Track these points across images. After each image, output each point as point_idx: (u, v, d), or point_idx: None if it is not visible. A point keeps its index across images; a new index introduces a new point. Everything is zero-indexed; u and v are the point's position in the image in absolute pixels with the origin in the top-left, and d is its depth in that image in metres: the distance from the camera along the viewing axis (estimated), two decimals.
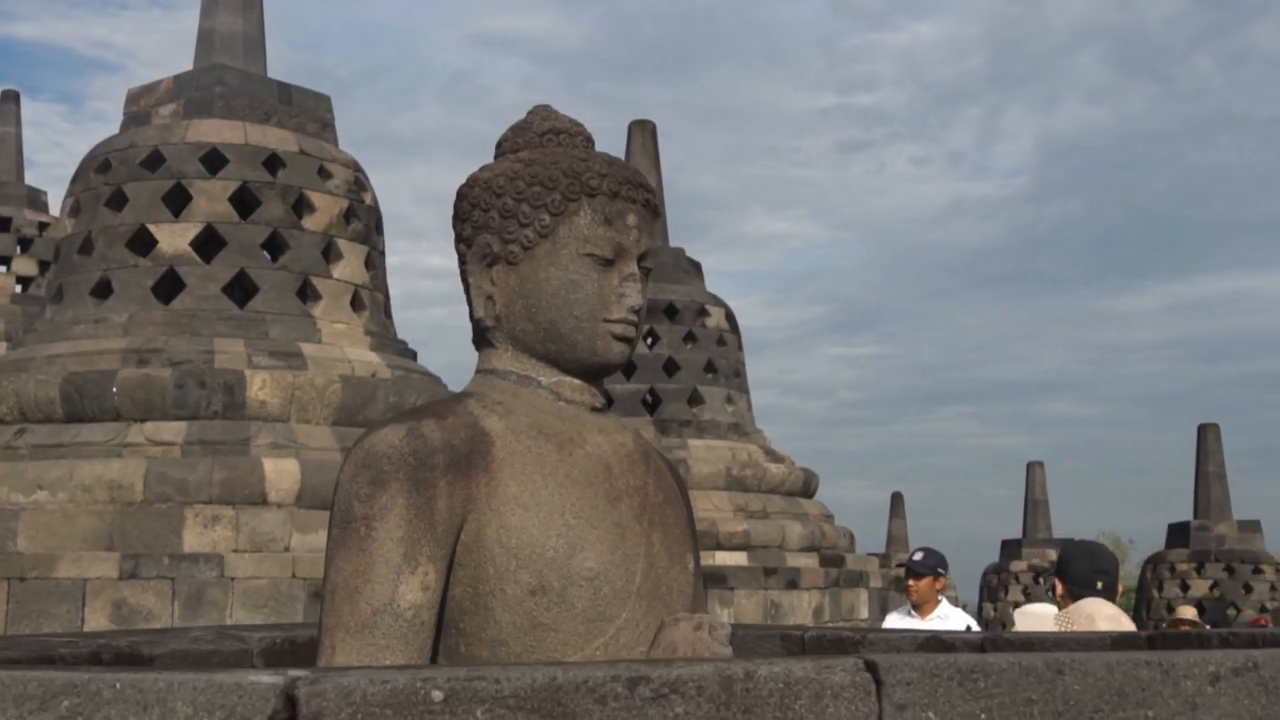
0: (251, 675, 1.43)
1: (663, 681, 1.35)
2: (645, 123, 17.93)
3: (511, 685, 1.35)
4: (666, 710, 1.33)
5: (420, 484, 2.47)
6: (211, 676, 1.42)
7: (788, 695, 1.36)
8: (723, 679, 1.35)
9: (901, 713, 1.37)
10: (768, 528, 15.13)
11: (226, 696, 1.40)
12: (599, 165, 2.75)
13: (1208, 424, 24.85)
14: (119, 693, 1.43)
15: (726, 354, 16.89)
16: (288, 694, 1.40)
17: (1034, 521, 29.30)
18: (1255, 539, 24.18)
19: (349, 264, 12.15)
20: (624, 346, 2.75)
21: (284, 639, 3.31)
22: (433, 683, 1.36)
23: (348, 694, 1.36)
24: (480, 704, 1.33)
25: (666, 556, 2.70)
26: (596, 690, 1.34)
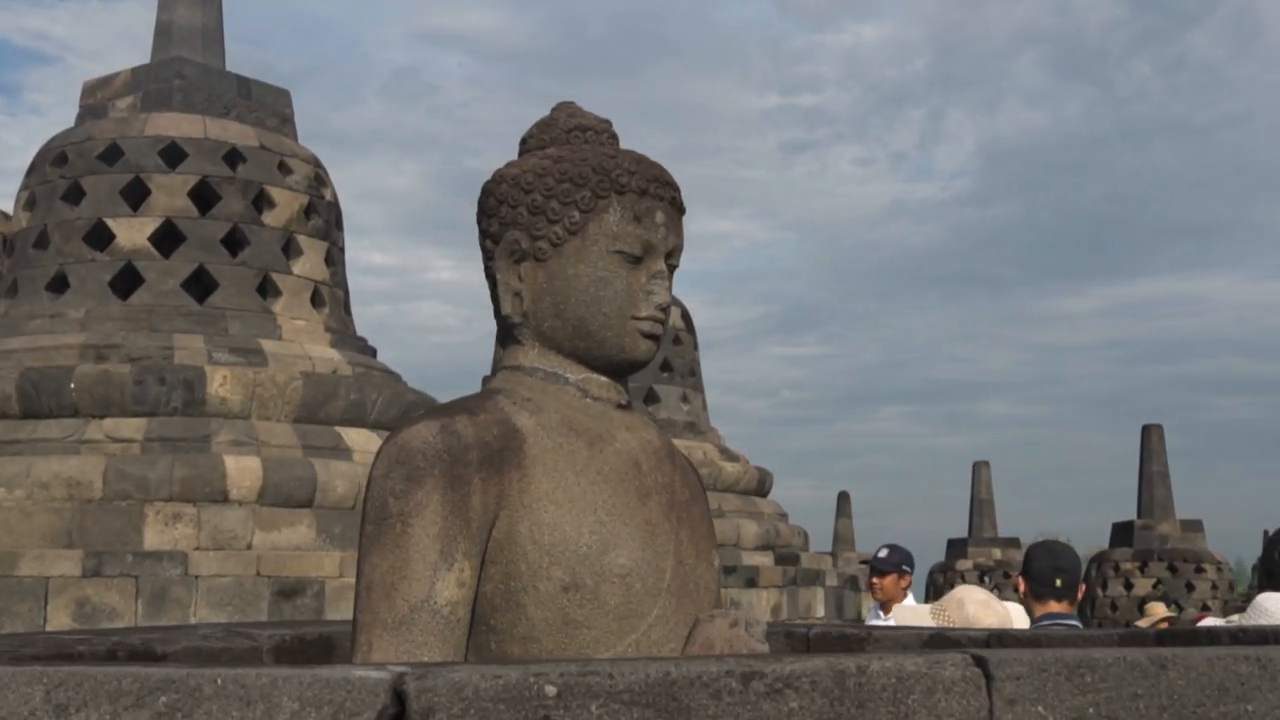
0: (358, 671, 1.42)
1: (777, 676, 1.36)
2: None
3: (625, 680, 1.35)
4: (781, 705, 1.34)
5: (455, 480, 2.46)
6: (317, 672, 1.42)
7: (900, 690, 1.38)
8: (836, 674, 1.36)
9: (1012, 707, 1.39)
10: (723, 526, 15.17)
11: (334, 692, 1.39)
12: (628, 162, 2.75)
13: (1151, 424, 25.16)
14: (220, 688, 1.42)
15: (682, 353, 16.93)
16: (396, 689, 1.40)
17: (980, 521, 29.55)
18: (1197, 538, 24.51)
19: (309, 260, 12.07)
20: (651, 344, 2.76)
21: (293, 636, 3.30)
22: (545, 678, 1.36)
23: (459, 689, 1.36)
24: (594, 699, 1.34)
25: (694, 553, 2.71)
26: (711, 685, 1.34)
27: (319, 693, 1.40)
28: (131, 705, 1.44)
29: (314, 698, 1.39)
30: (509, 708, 1.34)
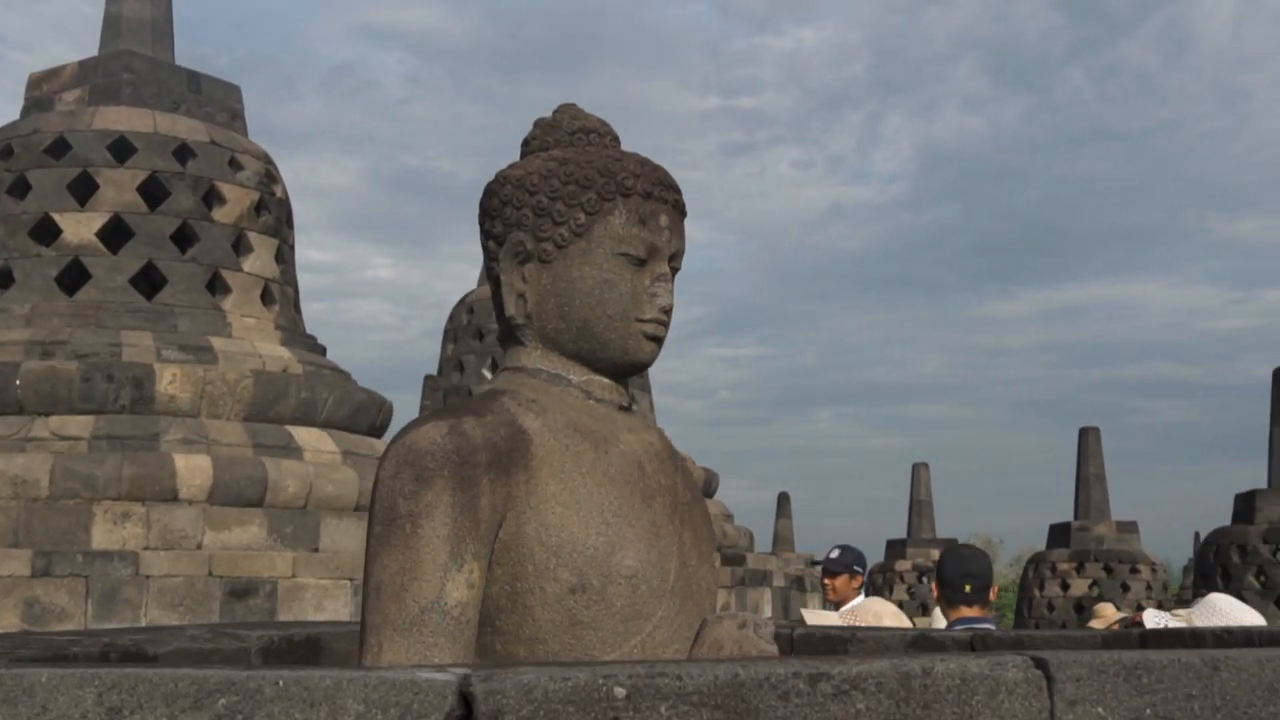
0: (424, 673, 1.42)
1: (844, 678, 1.37)
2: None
3: (694, 682, 1.36)
4: (848, 706, 1.36)
5: (465, 481, 2.46)
6: (382, 674, 1.42)
7: (964, 691, 1.40)
8: (901, 675, 1.38)
9: (1072, 708, 1.42)
10: None
11: (401, 694, 1.39)
12: (633, 165, 2.76)
13: (1089, 427, 25.44)
14: (282, 690, 1.42)
15: None
16: (463, 691, 1.40)
17: (919, 522, 29.78)
18: (1133, 539, 24.81)
19: (259, 257, 11.98)
20: (654, 346, 2.77)
21: (281, 638, 3.29)
22: (615, 679, 1.37)
23: (528, 691, 1.37)
24: (664, 700, 1.35)
25: (696, 555, 2.73)
26: (779, 686, 1.36)
27: (385, 694, 1.40)
28: (189, 708, 1.43)
29: (380, 700, 1.39)
30: (578, 710, 1.35)
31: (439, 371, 17.45)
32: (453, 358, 16.94)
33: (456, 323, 16.96)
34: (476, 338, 16.73)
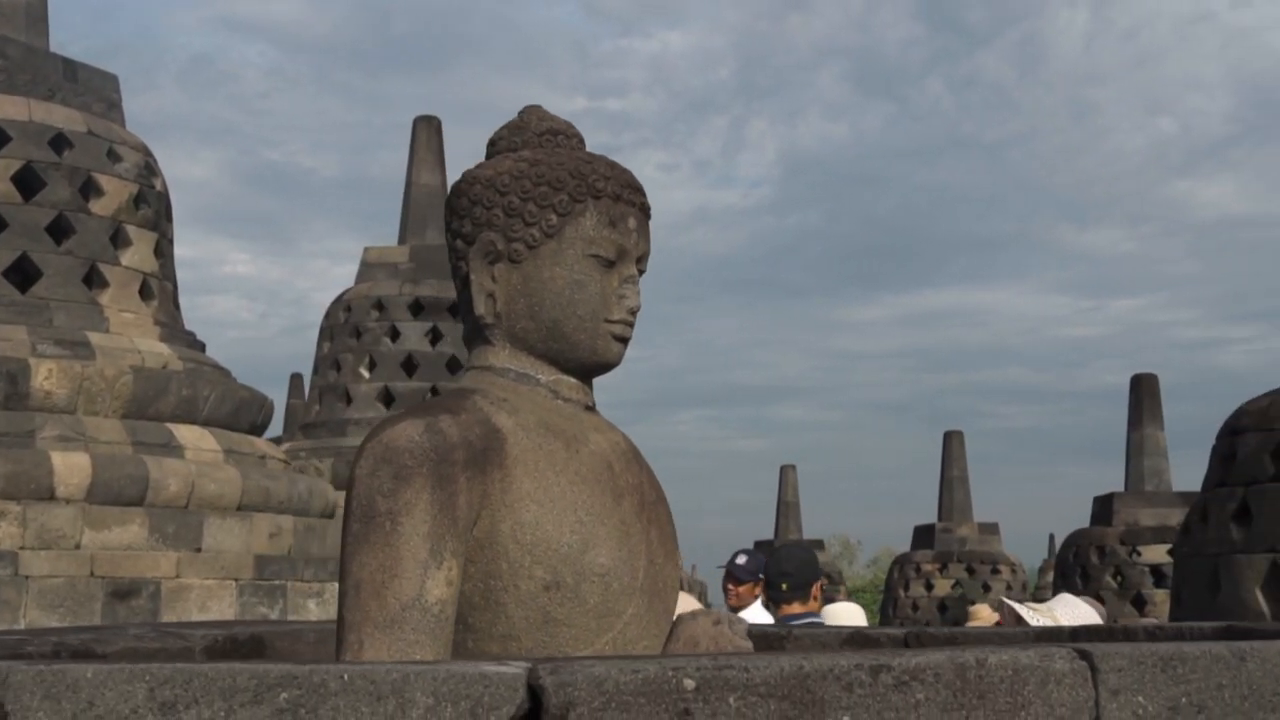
0: (491, 666, 1.44)
1: (904, 669, 1.43)
2: (431, 118, 17.81)
3: (761, 673, 1.41)
4: (908, 696, 1.41)
5: (443, 479, 2.48)
6: (451, 667, 1.43)
7: (1016, 681, 1.46)
8: (957, 667, 1.44)
9: (1115, 697, 1.49)
10: None
11: (471, 687, 1.41)
12: (603, 167, 2.80)
13: (953, 431, 25.98)
14: (347, 684, 1.43)
15: None
16: (532, 684, 1.42)
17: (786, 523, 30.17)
18: (994, 540, 25.42)
19: (138, 251, 11.72)
20: (621, 347, 2.81)
21: (225, 637, 3.27)
22: (683, 671, 1.40)
23: (599, 683, 1.40)
24: (732, 692, 1.39)
25: (663, 553, 2.77)
26: (843, 678, 1.41)
27: (455, 687, 1.41)
28: (249, 702, 1.43)
29: (449, 693, 1.41)
30: (649, 701, 1.38)
31: (314, 370, 17.23)
32: (329, 356, 16.74)
33: (333, 320, 16.76)
34: (354, 336, 16.56)
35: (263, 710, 1.44)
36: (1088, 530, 18.60)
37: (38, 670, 1.54)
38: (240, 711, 1.45)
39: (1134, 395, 19.29)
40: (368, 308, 16.64)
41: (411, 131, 17.74)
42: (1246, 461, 7.88)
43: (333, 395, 16.53)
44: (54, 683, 1.52)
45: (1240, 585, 7.74)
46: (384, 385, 16.27)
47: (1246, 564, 7.75)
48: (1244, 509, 7.83)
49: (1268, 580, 7.61)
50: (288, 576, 9.97)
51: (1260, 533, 7.70)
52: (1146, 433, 19.14)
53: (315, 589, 10.10)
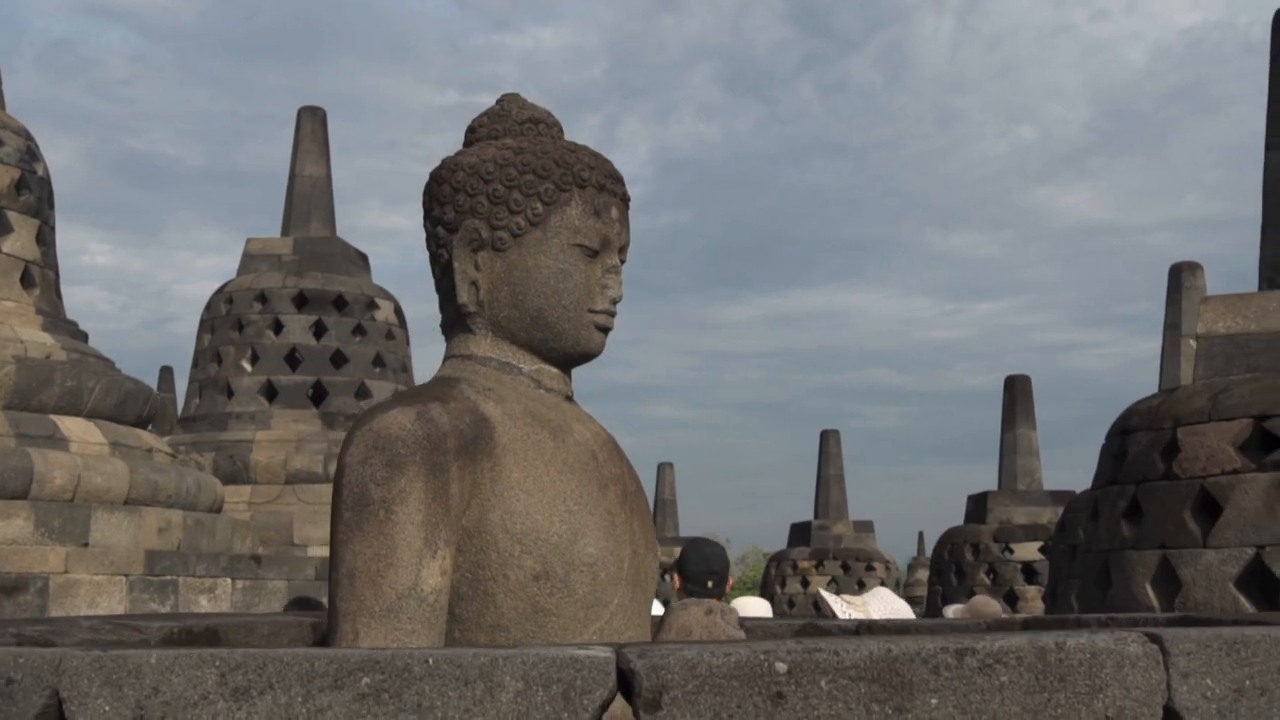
0: (580, 650, 1.43)
1: (988, 652, 1.45)
2: (315, 109, 17.54)
3: (851, 657, 1.42)
4: (993, 679, 1.43)
5: (436, 468, 2.47)
6: (541, 650, 1.42)
7: (1094, 664, 1.49)
8: (1037, 650, 1.47)
9: (1186, 680, 1.53)
10: None
11: (562, 670, 1.40)
12: (587, 157, 2.80)
13: (829, 430, 26.28)
14: (432, 668, 1.41)
15: (395, 348, 16.76)
16: (624, 667, 1.41)
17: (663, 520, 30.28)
18: (869, 538, 25.78)
19: (19, 238, 11.37)
20: (603, 337, 2.82)
21: (180, 629, 3.23)
22: (775, 655, 1.41)
23: (692, 667, 1.40)
24: (823, 675, 1.40)
25: (644, 543, 2.78)
26: (930, 661, 1.43)
27: (545, 671, 1.40)
28: (328, 687, 1.41)
29: (540, 676, 1.39)
30: (742, 684, 1.38)
31: (194, 363, 16.89)
32: (209, 348, 16.43)
33: (215, 313, 16.44)
34: (236, 329, 16.26)
35: (343, 695, 1.42)
36: (962, 528, 18.93)
37: (95, 656, 1.49)
38: (319, 697, 1.42)
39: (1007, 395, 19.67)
40: (250, 300, 16.35)
41: (296, 122, 17.46)
42: (1137, 460, 8.08)
43: (213, 389, 16.21)
44: (114, 668, 1.48)
45: (1131, 581, 7.93)
46: (267, 379, 16.00)
47: (1137, 560, 7.95)
48: (1135, 506, 8.02)
49: (1157, 576, 7.80)
50: (179, 572, 9.77)
51: (1150, 529, 7.90)
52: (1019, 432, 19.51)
53: (207, 584, 9.91)
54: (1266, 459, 7.44)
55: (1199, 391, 7.96)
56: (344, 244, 17.20)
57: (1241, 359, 8.19)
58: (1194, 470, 7.73)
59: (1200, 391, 7.94)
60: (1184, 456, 7.74)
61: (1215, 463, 7.68)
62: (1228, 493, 7.49)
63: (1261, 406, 7.57)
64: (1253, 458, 7.52)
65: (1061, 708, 1.46)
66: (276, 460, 15.24)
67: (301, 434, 15.57)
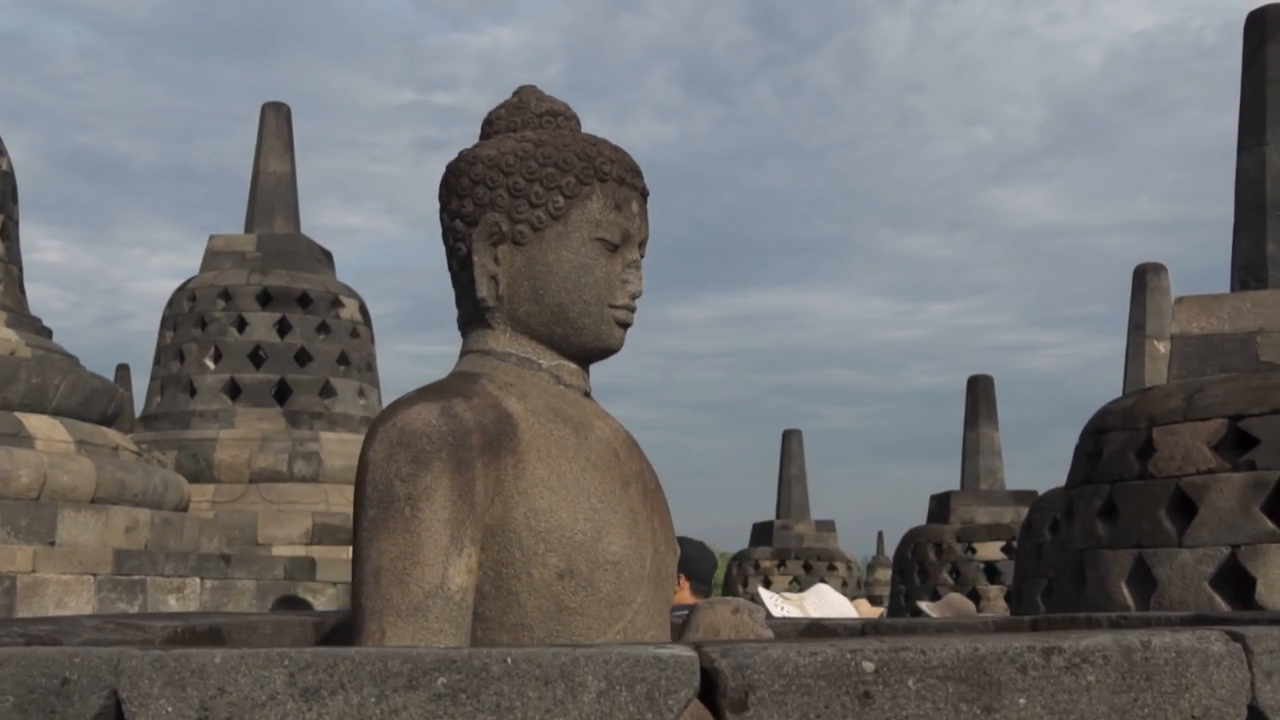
0: (663, 649, 1.40)
1: (1074, 652, 1.43)
2: (279, 105, 17.41)
3: (939, 656, 1.40)
4: (1080, 679, 1.41)
5: (461, 464, 2.43)
6: (621, 649, 1.38)
7: (1179, 664, 1.48)
8: (1123, 649, 1.45)
9: (1269, 679, 1.52)
10: None
11: (645, 670, 1.37)
12: (609, 150, 2.77)
13: (791, 430, 26.34)
14: (511, 668, 1.37)
15: (359, 346, 16.66)
16: (707, 667, 1.39)
17: None
18: (830, 537, 25.87)
19: None
20: (623, 333, 2.79)
21: (184, 628, 3.20)
22: (861, 654, 1.38)
23: (779, 666, 1.37)
24: (910, 674, 1.38)
25: (665, 541, 2.76)
26: (1017, 660, 1.41)
27: (629, 671, 1.37)
28: (402, 687, 1.37)
29: (623, 676, 1.36)
30: (829, 684, 1.36)
31: (156, 360, 16.72)
32: (171, 346, 16.27)
33: (177, 310, 16.29)
34: (199, 326, 16.11)
35: (418, 696, 1.38)
36: (925, 528, 19.02)
37: (155, 655, 1.45)
38: (393, 697, 1.38)
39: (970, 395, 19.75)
40: (213, 297, 16.20)
41: (260, 118, 17.32)
42: (1112, 460, 8.12)
43: (175, 386, 16.06)
44: (177, 668, 1.43)
45: (1106, 580, 7.97)
46: (230, 377, 15.87)
47: (1112, 559, 7.98)
48: (1110, 506, 8.06)
49: (1133, 575, 7.84)
50: (147, 572, 9.66)
51: (1125, 529, 7.94)
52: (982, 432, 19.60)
53: (176, 584, 9.81)
54: (1241, 459, 7.49)
55: (1174, 391, 8.00)
56: (308, 241, 17.08)
57: (1215, 359, 8.24)
58: (1169, 470, 7.77)
59: (1175, 391, 7.98)
60: (1159, 456, 7.78)
61: (1190, 462, 7.73)
62: (1203, 492, 7.53)
63: (1236, 406, 7.62)
64: (1227, 457, 7.57)
65: (1148, 708, 1.44)
66: (240, 459, 15.12)
67: (265, 432, 15.45)
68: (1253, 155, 8.60)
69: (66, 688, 1.45)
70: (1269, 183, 8.48)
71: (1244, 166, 8.67)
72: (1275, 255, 8.46)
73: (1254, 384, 7.68)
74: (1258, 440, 7.41)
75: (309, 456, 15.23)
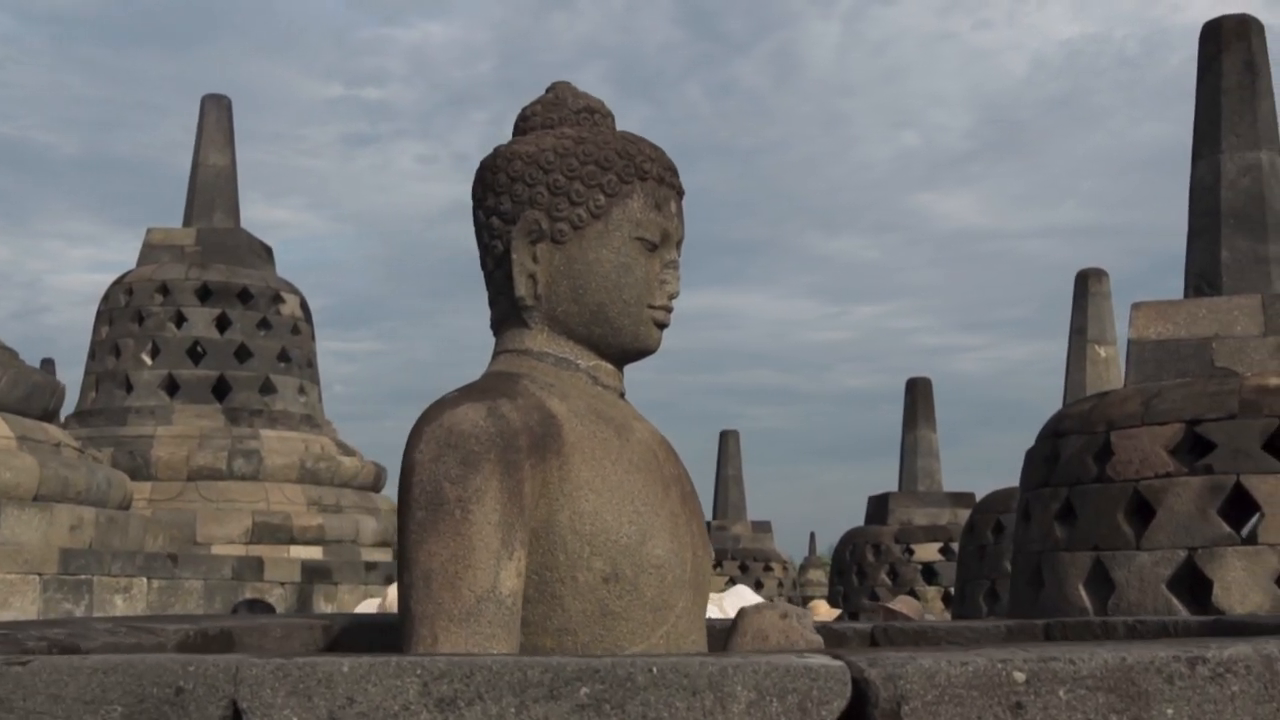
0: (812, 659, 1.37)
1: (1218, 661, 1.43)
2: (220, 97, 17.20)
3: (1088, 666, 1.38)
4: (1224, 689, 1.41)
5: (511, 466, 2.40)
6: (769, 659, 1.36)
7: None
8: (1264, 658, 1.45)
9: None
10: (342, 522, 14.89)
11: (796, 681, 1.34)
12: (648, 149, 2.75)
13: (729, 430, 26.40)
14: (657, 678, 1.34)
15: (300, 343, 16.48)
16: (857, 677, 1.36)
17: None
18: (766, 538, 25.96)
19: None
20: (660, 334, 2.77)
21: (196, 631, 3.15)
22: (1011, 664, 1.37)
23: (931, 676, 1.35)
24: (1061, 684, 1.36)
25: (702, 545, 2.74)
26: (1163, 670, 1.40)
27: (779, 681, 1.34)
28: (543, 697, 1.33)
29: (774, 687, 1.33)
30: (982, 694, 1.34)
31: (90, 355, 16.45)
32: (107, 340, 16.01)
33: (113, 304, 16.03)
34: (136, 321, 15.87)
35: (560, 707, 1.34)
36: (863, 529, 19.15)
37: (278, 664, 1.40)
38: (533, 708, 1.35)
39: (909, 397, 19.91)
40: (151, 291, 15.96)
41: (200, 110, 17.09)
42: (1070, 463, 8.19)
43: (111, 382, 15.80)
44: (301, 677, 1.39)
45: (1064, 582, 8.04)
46: (168, 373, 15.64)
47: (1070, 561, 8.06)
48: (1068, 508, 8.13)
49: (1090, 577, 7.92)
50: (94, 571, 9.49)
51: (1083, 531, 8.01)
52: (920, 434, 19.77)
53: (123, 584, 9.63)
54: (1198, 463, 7.59)
55: (1131, 396, 8.09)
56: (249, 236, 16.89)
57: (1172, 364, 8.34)
58: (1127, 473, 7.86)
59: (1132, 396, 8.07)
60: (1117, 460, 7.86)
61: (1148, 466, 7.82)
62: (1160, 496, 7.62)
63: (1193, 411, 7.72)
64: (1184, 461, 7.67)
65: None
66: (178, 456, 14.90)
67: (204, 429, 15.25)
68: (1208, 163, 8.71)
69: (181, 697, 1.40)
70: (1224, 191, 8.59)
71: (1199, 175, 8.78)
72: (1229, 262, 8.58)
73: (1210, 389, 7.78)
74: (1214, 444, 7.51)
75: (249, 454, 15.04)
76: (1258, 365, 8.01)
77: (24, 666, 1.50)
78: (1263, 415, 7.55)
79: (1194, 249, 8.78)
